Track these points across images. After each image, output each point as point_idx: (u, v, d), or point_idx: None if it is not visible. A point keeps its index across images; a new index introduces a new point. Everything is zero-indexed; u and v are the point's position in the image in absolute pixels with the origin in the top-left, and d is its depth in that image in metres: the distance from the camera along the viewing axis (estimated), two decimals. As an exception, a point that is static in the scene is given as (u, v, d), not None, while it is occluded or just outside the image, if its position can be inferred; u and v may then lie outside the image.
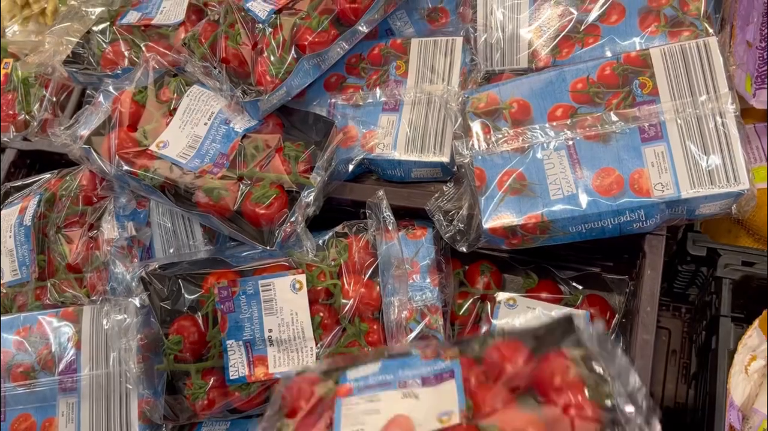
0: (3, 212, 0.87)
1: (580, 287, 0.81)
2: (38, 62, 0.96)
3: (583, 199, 0.67)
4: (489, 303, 0.80)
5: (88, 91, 0.90)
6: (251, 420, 0.76)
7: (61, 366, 0.75)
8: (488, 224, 0.69)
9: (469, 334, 0.80)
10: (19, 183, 0.90)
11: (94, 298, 0.77)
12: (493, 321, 0.79)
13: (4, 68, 1.03)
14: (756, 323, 0.73)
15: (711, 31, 0.68)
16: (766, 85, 0.81)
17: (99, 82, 0.87)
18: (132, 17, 0.89)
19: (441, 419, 0.51)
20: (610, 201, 0.66)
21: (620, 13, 0.72)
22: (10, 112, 1.00)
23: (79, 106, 0.95)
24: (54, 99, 0.98)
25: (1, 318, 0.79)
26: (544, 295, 0.80)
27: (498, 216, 0.69)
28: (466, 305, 0.81)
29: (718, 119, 0.65)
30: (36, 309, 0.80)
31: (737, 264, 0.74)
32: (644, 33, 0.71)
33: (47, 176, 0.88)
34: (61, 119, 0.92)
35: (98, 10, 0.90)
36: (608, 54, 0.70)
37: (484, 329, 0.80)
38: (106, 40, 0.86)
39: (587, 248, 0.74)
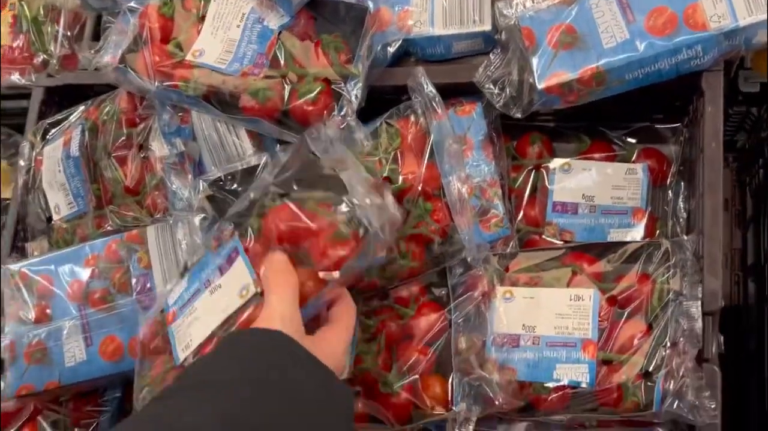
0: (45, 149, 0.86)
1: (634, 142, 0.81)
2: (45, -4, 0.93)
3: (638, 43, 0.65)
4: (543, 172, 0.80)
5: (104, 18, 0.87)
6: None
7: (137, 287, 0.76)
8: (543, 83, 0.68)
9: (529, 207, 0.81)
10: (53, 119, 0.89)
11: (157, 216, 0.78)
12: (550, 188, 0.79)
13: (10, 10, 1.00)
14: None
15: None
16: None
17: (114, 4, 0.85)
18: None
19: (241, 294, 0.60)
20: (665, 41, 0.65)
21: None
22: (26, 54, 0.98)
23: (95, 36, 0.92)
24: (68, 33, 0.95)
25: (67, 250, 0.80)
26: (597, 155, 0.80)
27: (553, 74, 0.68)
28: (521, 178, 0.82)
29: (771, -64, 0.63)
30: (98, 237, 0.80)
31: (792, 95, 0.74)
32: None
33: (82, 107, 0.87)
34: (88, 42, 0.89)
35: (99, -70, 0.87)
36: None
37: (540, 200, 0.80)
38: (116, -43, 0.83)
39: (636, 101, 0.73)
